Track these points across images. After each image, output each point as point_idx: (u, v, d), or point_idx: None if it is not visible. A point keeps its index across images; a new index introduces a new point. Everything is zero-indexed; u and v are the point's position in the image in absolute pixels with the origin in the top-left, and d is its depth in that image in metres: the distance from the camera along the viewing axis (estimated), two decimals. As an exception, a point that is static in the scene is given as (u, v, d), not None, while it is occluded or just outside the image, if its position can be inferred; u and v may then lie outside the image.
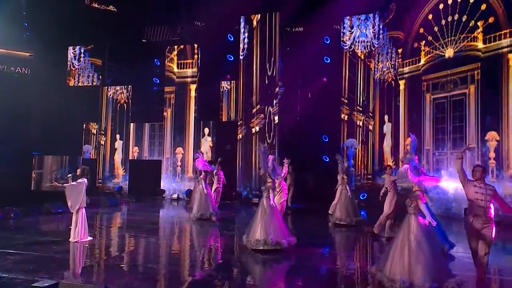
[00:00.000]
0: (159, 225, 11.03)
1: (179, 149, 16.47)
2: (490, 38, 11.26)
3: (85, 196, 7.38)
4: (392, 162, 14.40)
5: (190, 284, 5.58)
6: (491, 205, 5.04)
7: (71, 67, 16.68)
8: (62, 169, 17.24)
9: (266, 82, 15.39)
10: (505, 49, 10.85)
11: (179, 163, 16.43)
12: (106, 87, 17.15)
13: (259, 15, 15.60)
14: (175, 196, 15.90)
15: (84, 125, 17.29)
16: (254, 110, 15.54)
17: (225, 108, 16.03)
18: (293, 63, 15.27)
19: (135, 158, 16.88)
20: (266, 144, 8.00)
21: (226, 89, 16.05)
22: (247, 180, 15.24)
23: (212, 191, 10.89)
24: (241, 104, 15.75)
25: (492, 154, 10.86)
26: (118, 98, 17.16)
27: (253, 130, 15.51)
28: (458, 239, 7.29)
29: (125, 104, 17.08)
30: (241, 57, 15.75)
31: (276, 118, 15.06)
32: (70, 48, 16.53)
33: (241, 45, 15.72)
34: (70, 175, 7.52)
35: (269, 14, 15.37)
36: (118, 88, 17.14)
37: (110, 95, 17.26)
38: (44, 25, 14.87)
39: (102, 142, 17.30)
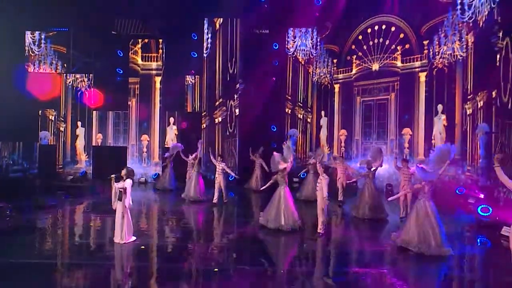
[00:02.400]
0: (178, 213, 10.20)
1: (145, 136, 15.67)
2: (407, 60, 13.52)
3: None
4: (328, 148, 16.23)
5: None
6: None
7: (30, 52, 14.20)
8: (14, 155, 14.89)
9: (228, 79, 15.57)
10: (417, 69, 13.20)
11: (145, 149, 15.67)
12: (65, 75, 15.13)
13: (222, 19, 15.54)
14: (142, 179, 15.19)
15: (40, 112, 15.06)
16: (217, 103, 15.65)
17: (189, 100, 15.72)
18: (251, 63, 15.59)
19: (99, 145, 15.48)
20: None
21: (190, 83, 15.69)
22: (212, 166, 15.38)
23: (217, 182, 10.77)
24: (205, 97, 15.68)
25: (406, 145, 13.28)
26: (79, 86, 15.34)
27: (216, 120, 15.66)
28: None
29: (86, 92, 15.37)
30: (204, 55, 15.55)
31: (237, 110, 15.45)
32: (28, 33, 14.01)
33: (204, 44, 15.48)
34: (113, 175, 6.82)
35: (230, 19, 15.43)
36: (78, 76, 15.28)
37: (70, 82, 15.31)
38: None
39: (62, 129, 15.37)
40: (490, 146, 10.61)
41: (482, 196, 10.09)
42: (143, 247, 6.59)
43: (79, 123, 15.42)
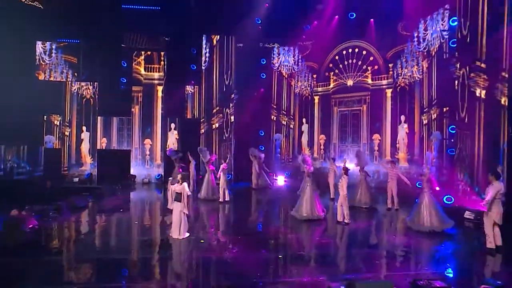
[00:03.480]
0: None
1: (148, 141, 16.11)
2: (375, 78, 15.54)
3: None
4: (309, 150, 17.81)
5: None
6: None
7: (41, 61, 13.98)
8: (19, 159, 14.58)
9: (224, 89, 16.52)
10: (384, 86, 15.26)
11: (147, 152, 16.09)
12: (70, 82, 15.08)
13: (218, 36, 16.44)
14: (146, 180, 15.62)
15: (45, 117, 14.85)
16: (214, 110, 16.51)
17: (189, 108, 16.40)
18: (244, 76, 16.66)
19: (104, 148, 15.60)
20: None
21: (190, 92, 16.37)
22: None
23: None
24: (203, 105, 16.46)
25: (376, 148, 15.29)
26: (84, 93, 15.35)
27: (213, 126, 16.52)
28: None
29: (91, 99, 15.43)
30: (203, 67, 16.33)
31: (232, 117, 16.46)
32: (39, 43, 13.79)
33: (203, 58, 16.28)
34: (170, 178, 7.49)
35: (226, 36, 16.40)
36: (83, 84, 15.30)
37: (75, 90, 15.27)
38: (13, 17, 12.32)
39: (67, 133, 15.26)
40: (442, 149, 12.85)
41: (437, 188, 12.24)
42: (202, 241, 7.22)
43: (84, 128, 15.42)
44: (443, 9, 12.79)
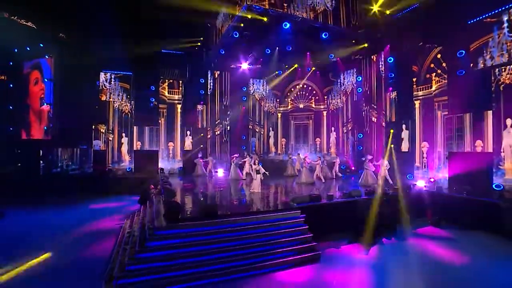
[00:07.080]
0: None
1: (171, 143, 19.10)
2: (317, 104, 21.90)
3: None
4: (274, 149, 23.22)
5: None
6: None
7: (103, 87, 15.79)
8: (73, 159, 16.13)
9: (223, 107, 20.62)
10: (322, 109, 21.73)
11: (171, 152, 19.09)
12: (113, 101, 17.15)
13: (219, 71, 20.44)
14: (172, 172, 18.64)
15: (94, 126, 16.65)
16: (217, 122, 20.46)
17: (199, 120, 19.95)
18: (235, 98, 21.07)
19: (139, 149, 18.03)
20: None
21: (200, 109, 19.94)
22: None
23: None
24: (209, 118, 20.23)
25: (318, 146, 21.64)
26: (123, 109, 17.54)
27: (216, 133, 20.46)
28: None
29: (129, 113, 17.72)
30: (209, 92, 20.11)
31: (229, 127, 20.70)
32: (102, 73, 15.64)
33: (209, 86, 20.06)
34: (257, 168, 11.89)
35: (224, 72, 20.53)
36: (122, 102, 17.48)
37: (116, 106, 17.35)
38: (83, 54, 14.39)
39: (110, 138, 17.25)
40: (354, 147, 19.82)
41: (353, 168, 19.10)
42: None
43: (123, 134, 17.62)
44: (352, 71, 19.74)
